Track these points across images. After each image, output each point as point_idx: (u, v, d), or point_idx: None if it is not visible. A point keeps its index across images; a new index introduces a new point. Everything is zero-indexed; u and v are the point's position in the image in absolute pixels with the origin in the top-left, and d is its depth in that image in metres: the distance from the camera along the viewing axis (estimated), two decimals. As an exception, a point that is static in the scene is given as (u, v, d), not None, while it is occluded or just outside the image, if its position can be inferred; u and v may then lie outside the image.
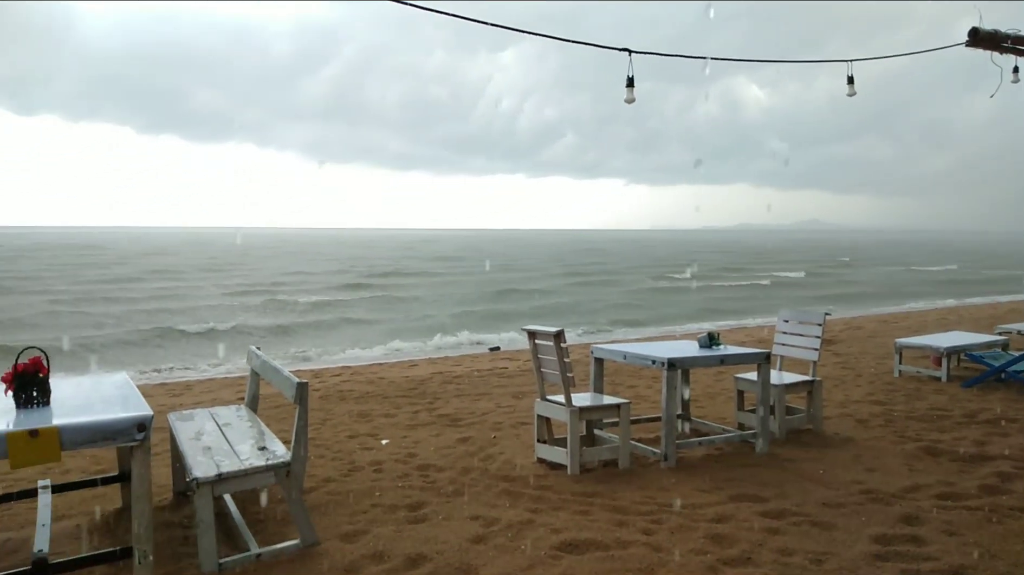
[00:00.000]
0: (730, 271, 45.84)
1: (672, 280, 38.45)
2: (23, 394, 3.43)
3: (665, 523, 4.04)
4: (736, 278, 39.72)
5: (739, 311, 22.58)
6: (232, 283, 34.00)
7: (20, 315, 21.63)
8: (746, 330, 16.05)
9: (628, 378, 8.89)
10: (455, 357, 12.75)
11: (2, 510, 4.48)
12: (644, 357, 5.34)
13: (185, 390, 9.46)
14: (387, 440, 6.03)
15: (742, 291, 31.93)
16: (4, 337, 16.93)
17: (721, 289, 32.90)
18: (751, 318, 20.49)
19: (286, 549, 3.69)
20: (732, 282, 36.92)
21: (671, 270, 45.93)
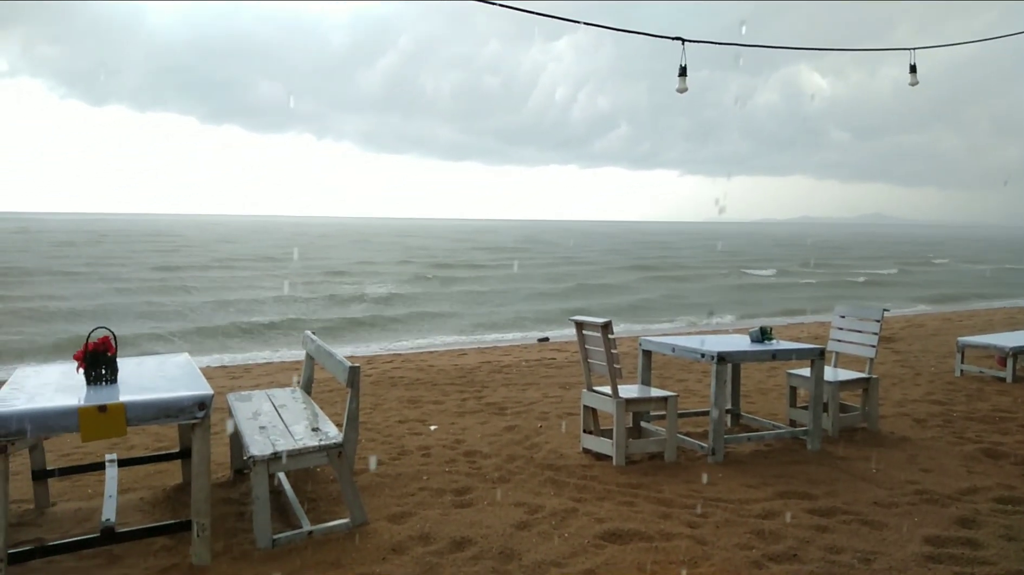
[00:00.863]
0: (818, 267, 43.28)
1: (753, 276, 36.53)
2: (93, 372, 3.62)
3: (710, 517, 4.02)
4: (823, 275, 37.33)
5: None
6: (304, 271, 33.70)
7: (109, 297, 22.54)
8: (803, 326, 15.70)
9: (678, 371, 8.82)
10: (504, 347, 12.84)
11: (73, 481, 4.73)
12: (693, 350, 5.29)
13: (244, 373, 9.78)
14: (435, 426, 6.13)
15: (838, 289, 29.74)
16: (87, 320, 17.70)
17: (813, 287, 30.73)
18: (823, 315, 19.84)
19: (337, 527, 3.81)
20: (820, 278, 34.77)
21: (746, 263, 43.87)
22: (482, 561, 3.45)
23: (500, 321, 19.26)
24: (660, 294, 27.06)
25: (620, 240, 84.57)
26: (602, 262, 45.16)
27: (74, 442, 5.67)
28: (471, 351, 12.00)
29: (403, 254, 49.27)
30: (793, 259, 50.84)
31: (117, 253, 43.70)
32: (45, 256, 39.84)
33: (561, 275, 34.41)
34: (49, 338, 14.88)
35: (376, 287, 27.28)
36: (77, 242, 55.90)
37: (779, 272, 38.95)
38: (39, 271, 30.44)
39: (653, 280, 33.22)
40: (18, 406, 3.15)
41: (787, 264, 45.26)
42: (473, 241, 73.78)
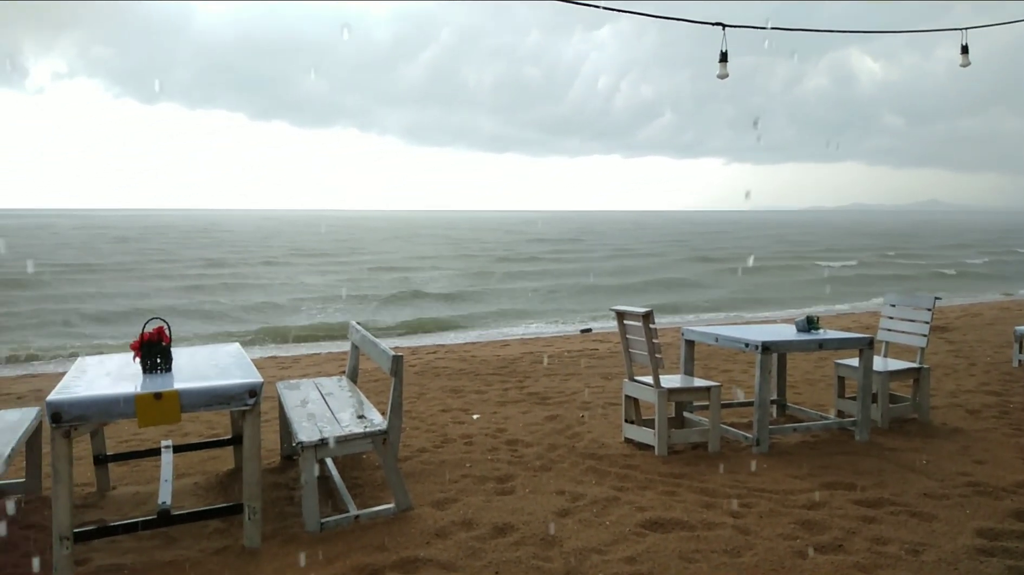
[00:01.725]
0: (900, 257, 40.16)
1: (831, 267, 33.23)
2: (148, 360, 3.77)
3: (754, 507, 3.99)
4: (908, 266, 34.49)
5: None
6: (364, 267, 32.39)
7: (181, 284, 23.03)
8: (853, 315, 15.35)
9: (722, 362, 8.72)
10: (546, 337, 12.87)
11: (131, 466, 4.93)
12: (737, 340, 5.24)
13: (293, 363, 10.01)
14: (478, 415, 6.20)
15: (934, 282, 26.39)
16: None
17: (905, 280, 27.33)
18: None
19: (382, 512, 3.90)
20: (905, 269, 32.01)
21: (817, 254, 41.05)
22: (524, 547, 3.50)
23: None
24: (741, 288, 24.57)
25: (672, 231, 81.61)
26: (664, 254, 42.98)
27: (132, 429, 5.89)
28: (513, 342, 12.06)
29: (456, 248, 47.69)
30: (868, 249, 47.43)
31: (172, 248, 43.77)
32: (115, 252, 40.09)
33: (628, 269, 32.75)
34: (121, 339, 14.92)
35: (441, 283, 25.83)
36: (134, 237, 56.67)
37: (860, 263, 35.80)
38: (108, 266, 30.77)
39: (727, 274, 30.48)
40: (79, 393, 3.30)
41: (864, 254, 41.81)
42: (523, 233, 71.90)
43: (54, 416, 3.19)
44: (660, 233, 75.08)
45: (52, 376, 9.15)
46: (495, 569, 3.27)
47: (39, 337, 14.78)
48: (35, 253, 37.35)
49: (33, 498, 4.30)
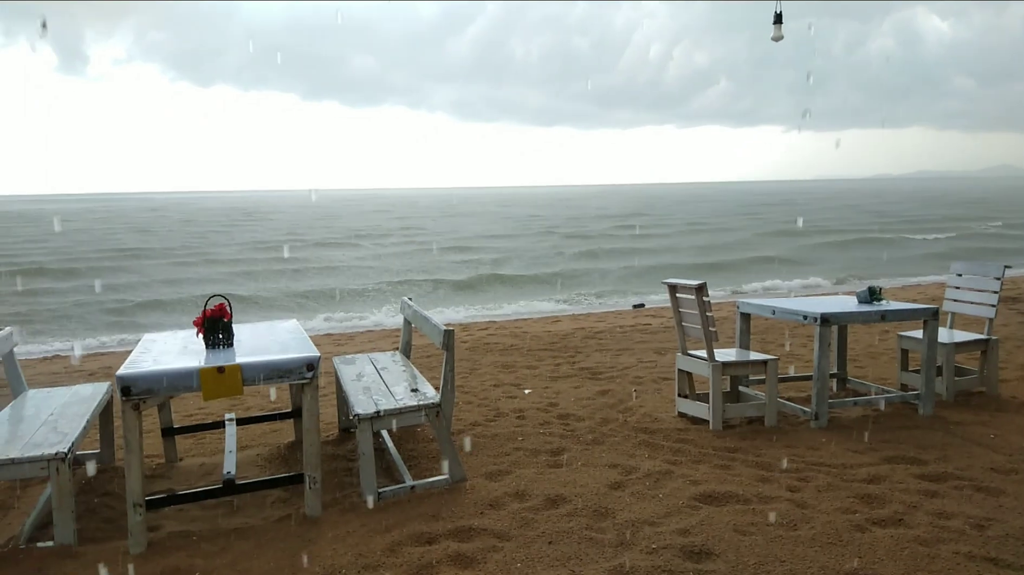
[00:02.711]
0: (1010, 227, 36.25)
1: (927, 240, 30.40)
2: (211, 336, 3.90)
3: (812, 481, 3.92)
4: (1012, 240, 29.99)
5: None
6: (426, 245, 30.77)
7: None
8: (920, 287, 14.83)
9: (780, 336, 8.55)
10: (598, 313, 12.81)
11: (197, 439, 5.14)
12: (795, 312, 5.12)
13: (348, 340, 10.22)
14: (529, 390, 6.24)
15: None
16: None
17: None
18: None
19: (436, 483, 3.98)
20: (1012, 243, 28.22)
21: (905, 226, 37.47)
22: (576, 518, 3.52)
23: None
24: (848, 265, 21.79)
25: (737, 202, 76.38)
26: (742, 227, 39.08)
27: (197, 403, 6.12)
28: (565, 318, 12.05)
29: (518, 225, 44.53)
30: (956, 219, 43.15)
31: (235, 232, 43.06)
32: (193, 236, 39.77)
33: (715, 246, 29.63)
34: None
35: (516, 264, 24.15)
36: (200, 220, 56.49)
37: (959, 235, 32.62)
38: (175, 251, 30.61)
39: (824, 248, 27.44)
40: (147, 368, 3.45)
41: (953, 224, 38.27)
42: (580, 208, 68.95)
43: (124, 390, 3.34)
44: (725, 205, 70.40)
45: (119, 354, 9.57)
46: (548, 539, 3.31)
47: (108, 320, 15.42)
48: (109, 237, 38.36)
49: (107, 468, 4.53)
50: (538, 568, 3.05)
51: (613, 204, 78.26)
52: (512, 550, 3.22)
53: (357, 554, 3.22)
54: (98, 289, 18.70)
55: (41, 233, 42.13)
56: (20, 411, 4.17)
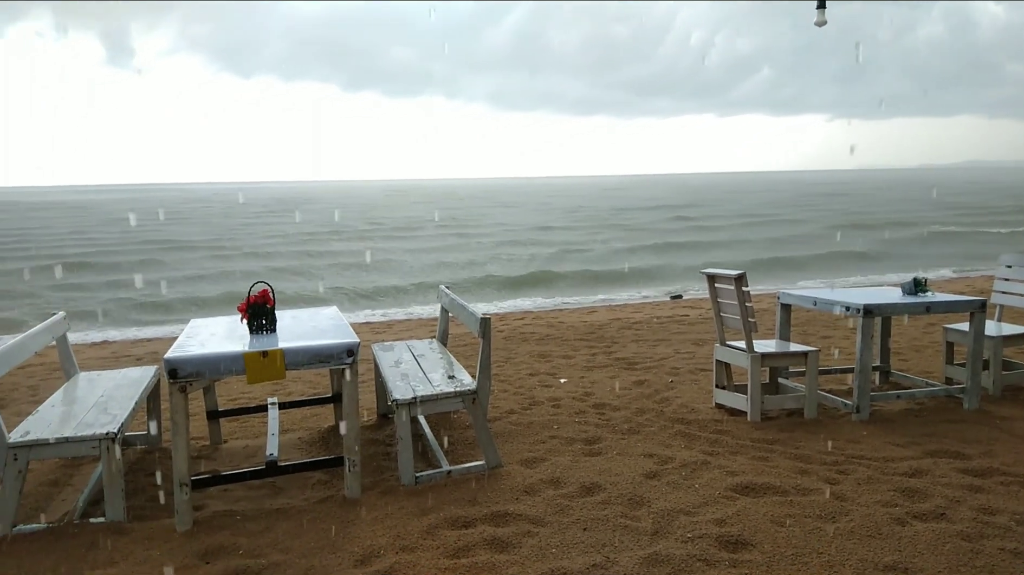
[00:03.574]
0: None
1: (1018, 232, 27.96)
2: (254, 322, 3.99)
3: (851, 474, 3.87)
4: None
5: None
6: (478, 239, 29.26)
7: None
8: (967, 280, 14.43)
9: (822, 328, 8.42)
10: (635, 304, 12.75)
11: (240, 422, 5.27)
12: (837, 303, 5.03)
13: (386, 328, 10.35)
14: (565, 379, 6.25)
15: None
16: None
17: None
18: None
19: (473, 468, 4.02)
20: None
21: (979, 217, 34.93)
22: (611, 506, 3.54)
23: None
24: (947, 261, 20.22)
25: (791, 192, 72.56)
26: (806, 220, 36.81)
27: (240, 388, 6.28)
28: (601, 308, 12.02)
29: (569, 217, 42.35)
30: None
31: (280, 223, 41.73)
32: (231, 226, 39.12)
33: (787, 239, 27.45)
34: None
35: (582, 259, 22.70)
36: (278, 209, 54.86)
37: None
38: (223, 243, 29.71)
39: (907, 243, 25.51)
40: (193, 351, 3.55)
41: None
42: (627, 199, 66.06)
43: (171, 372, 3.45)
44: (779, 196, 67.41)
45: (165, 341, 9.84)
46: (583, 526, 3.33)
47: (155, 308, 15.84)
48: (157, 227, 38.86)
49: (154, 449, 4.68)
50: (573, 554, 3.07)
51: (660, 194, 75.38)
52: (547, 535, 3.25)
53: (395, 535, 3.29)
54: (139, 283, 19.15)
55: (91, 223, 43.20)
56: (73, 393, 4.33)
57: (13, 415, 5.56)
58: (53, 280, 19.48)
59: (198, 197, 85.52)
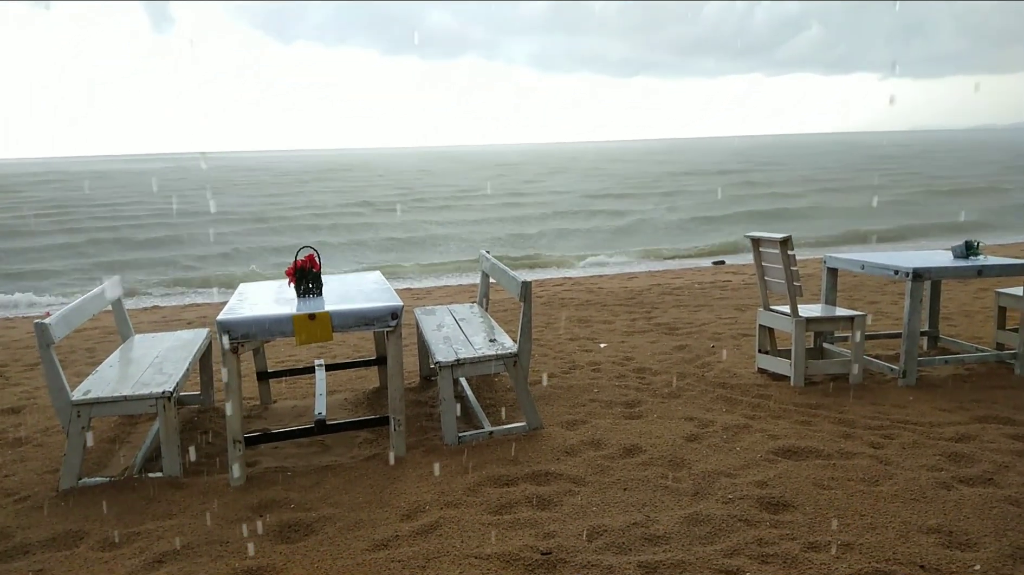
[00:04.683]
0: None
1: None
2: (302, 285, 4.08)
3: (896, 438, 3.83)
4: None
5: None
6: (542, 207, 26.81)
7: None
8: (1022, 244, 13.95)
9: (869, 293, 8.25)
10: (676, 270, 12.63)
11: (289, 383, 5.42)
12: (885, 267, 4.93)
13: (426, 294, 10.46)
14: (605, 344, 6.27)
15: None
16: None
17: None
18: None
19: (514, 430, 4.09)
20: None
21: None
22: (652, 467, 3.57)
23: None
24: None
25: (854, 156, 66.88)
26: (886, 185, 32.69)
27: (288, 351, 6.44)
28: (641, 274, 11.94)
29: (627, 183, 38.45)
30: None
31: (331, 192, 39.24)
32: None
33: (866, 210, 24.15)
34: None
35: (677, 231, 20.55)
36: (298, 178, 52.75)
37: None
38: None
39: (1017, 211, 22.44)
40: (244, 314, 3.66)
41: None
42: (682, 163, 62.08)
43: (224, 334, 3.56)
44: (840, 159, 61.33)
45: (214, 306, 10.11)
46: (623, 486, 3.37)
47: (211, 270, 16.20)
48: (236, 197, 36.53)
49: (207, 409, 4.85)
50: (613, 512, 3.12)
51: (714, 158, 70.74)
52: (588, 495, 3.30)
53: (439, 492, 3.38)
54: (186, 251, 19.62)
55: (140, 192, 44.04)
56: (129, 354, 4.50)
57: (73, 375, 5.81)
58: (112, 249, 20.08)
59: (247, 166, 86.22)
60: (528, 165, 66.77)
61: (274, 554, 2.91)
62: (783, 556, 2.72)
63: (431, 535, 2.99)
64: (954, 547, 2.75)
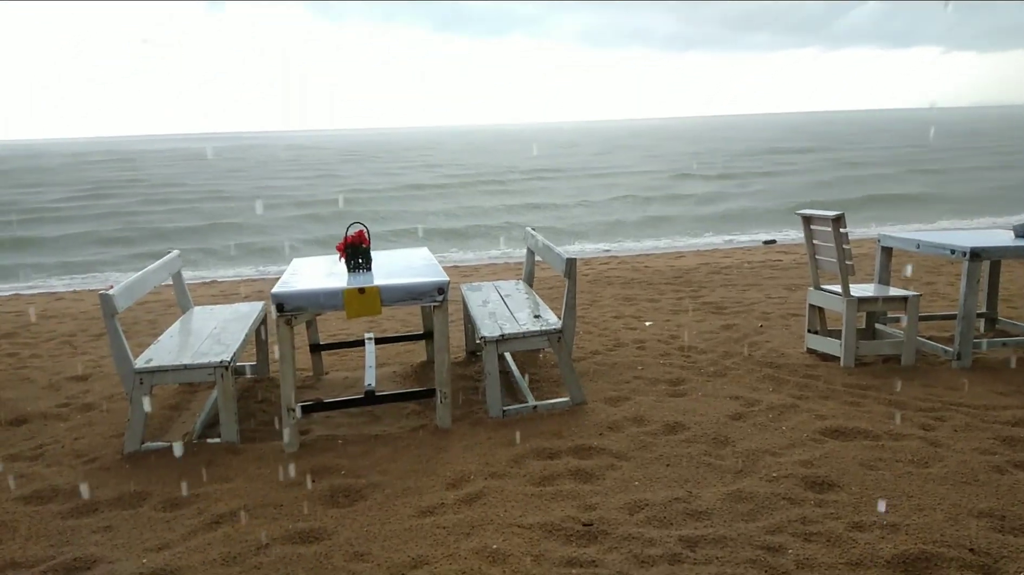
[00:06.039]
0: None
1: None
2: (352, 260, 4.18)
3: (949, 421, 3.76)
4: None
5: None
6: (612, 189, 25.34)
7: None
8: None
9: (926, 273, 8.03)
10: (724, 249, 12.46)
11: (340, 355, 5.57)
12: (942, 246, 4.80)
13: (472, 272, 10.55)
14: (650, 322, 6.25)
15: None
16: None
17: None
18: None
19: (558, 405, 4.14)
20: None
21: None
22: (695, 444, 3.58)
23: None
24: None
25: (939, 133, 61.48)
26: (999, 165, 30.18)
27: (339, 325, 6.60)
28: (689, 253, 11.81)
29: (685, 162, 36.38)
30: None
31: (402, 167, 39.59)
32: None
33: (994, 197, 21.11)
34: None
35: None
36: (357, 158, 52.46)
37: None
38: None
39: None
40: (298, 287, 3.77)
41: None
42: (752, 140, 58.83)
43: (278, 306, 3.68)
44: (919, 136, 56.62)
45: (269, 281, 10.39)
46: (666, 462, 3.40)
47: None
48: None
49: (262, 379, 5.03)
50: (655, 487, 3.15)
51: (781, 135, 67.89)
52: (630, 469, 3.33)
53: (484, 463, 3.45)
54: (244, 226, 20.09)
55: (194, 171, 45.12)
56: (188, 325, 4.68)
57: (136, 345, 6.07)
58: (185, 222, 20.73)
59: (301, 144, 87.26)
60: (587, 144, 64.14)
61: (325, 517, 3.03)
62: (827, 535, 2.72)
63: (475, 503, 3.07)
64: (1007, 532, 2.71)
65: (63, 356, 5.98)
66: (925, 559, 2.54)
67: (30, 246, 17.56)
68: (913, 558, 2.54)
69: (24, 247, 17.46)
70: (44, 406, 4.65)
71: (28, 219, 21.95)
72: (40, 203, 26.31)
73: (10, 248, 17.26)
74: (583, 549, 2.70)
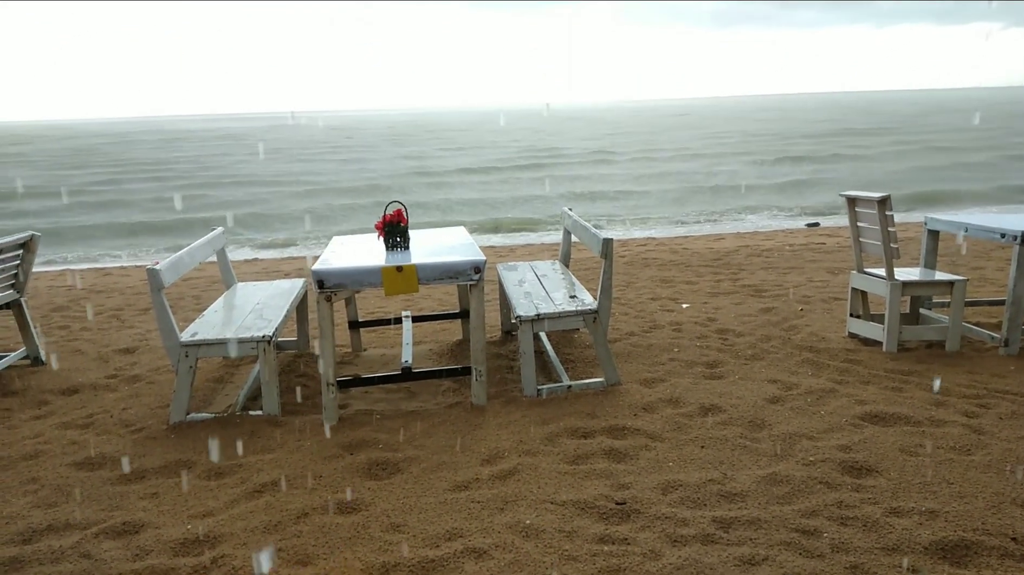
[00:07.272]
0: None
1: None
2: (390, 239, 4.23)
3: (993, 408, 3.67)
4: None
5: None
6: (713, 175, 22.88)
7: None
8: None
9: (974, 259, 7.80)
10: (765, 231, 12.26)
11: (378, 333, 5.65)
12: (991, 230, 4.65)
13: (509, 252, 10.57)
14: (688, 304, 6.20)
15: None
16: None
17: None
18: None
19: (592, 385, 4.15)
20: None
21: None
22: (730, 427, 3.56)
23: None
24: None
25: (999, 113, 59.32)
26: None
27: (377, 302, 6.69)
28: (728, 235, 11.65)
29: (753, 143, 35.24)
30: None
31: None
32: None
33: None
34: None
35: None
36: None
37: None
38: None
39: None
40: (337, 265, 3.83)
41: None
42: (808, 121, 55.77)
43: (319, 283, 3.75)
44: (988, 119, 52.39)
45: (309, 259, 10.55)
46: (701, 444, 3.39)
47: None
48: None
49: (303, 354, 5.13)
50: (689, 469, 3.15)
51: (838, 115, 64.95)
52: (664, 450, 3.33)
53: (518, 440, 3.49)
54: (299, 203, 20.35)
55: (261, 149, 45.23)
56: (232, 300, 4.79)
57: (181, 320, 6.24)
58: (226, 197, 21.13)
59: (353, 123, 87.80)
60: (634, 125, 62.12)
61: (363, 489, 3.10)
62: (864, 519, 2.69)
63: (509, 479, 3.11)
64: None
65: (111, 329, 6.18)
66: (964, 546, 2.50)
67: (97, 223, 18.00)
68: (952, 545, 2.51)
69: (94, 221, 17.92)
70: (94, 377, 4.82)
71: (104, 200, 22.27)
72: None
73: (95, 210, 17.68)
74: (615, 527, 2.72)
